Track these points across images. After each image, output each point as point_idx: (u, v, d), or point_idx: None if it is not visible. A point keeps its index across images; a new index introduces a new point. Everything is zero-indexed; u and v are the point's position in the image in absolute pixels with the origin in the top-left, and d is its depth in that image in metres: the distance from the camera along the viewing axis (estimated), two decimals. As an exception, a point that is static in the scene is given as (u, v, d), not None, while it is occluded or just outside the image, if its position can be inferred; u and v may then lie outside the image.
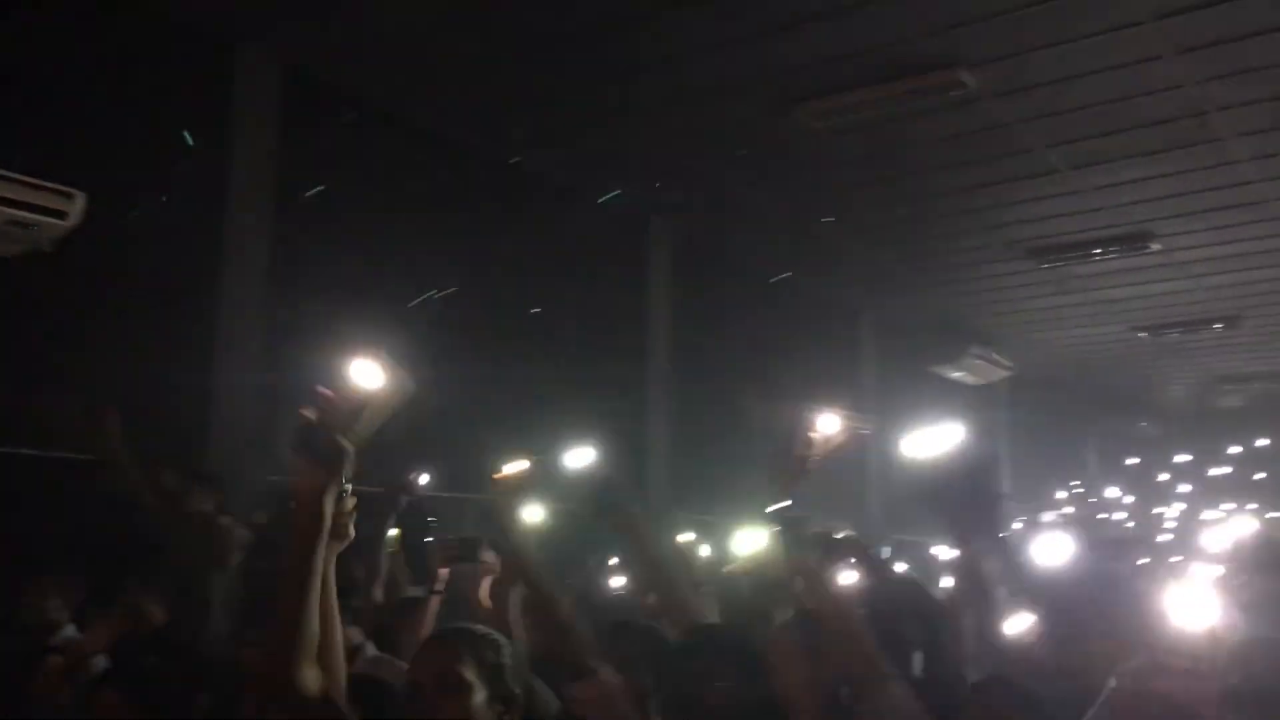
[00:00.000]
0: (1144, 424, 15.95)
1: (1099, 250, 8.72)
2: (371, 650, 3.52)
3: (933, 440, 2.83)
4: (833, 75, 5.92)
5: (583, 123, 6.58)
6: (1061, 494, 15.64)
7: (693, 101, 6.29)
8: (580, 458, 3.05)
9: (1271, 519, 9.71)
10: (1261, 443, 15.48)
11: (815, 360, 9.61)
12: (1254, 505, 14.23)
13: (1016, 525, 7.81)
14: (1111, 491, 16.14)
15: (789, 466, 3.36)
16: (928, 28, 5.48)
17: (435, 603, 3.90)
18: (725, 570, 4.00)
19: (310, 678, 1.93)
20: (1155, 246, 8.59)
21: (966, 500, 2.74)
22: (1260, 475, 15.38)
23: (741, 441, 6.89)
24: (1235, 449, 15.82)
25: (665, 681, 2.49)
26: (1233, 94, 6.10)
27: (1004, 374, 11.82)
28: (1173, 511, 15.57)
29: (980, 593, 2.97)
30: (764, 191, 7.71)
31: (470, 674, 2.00)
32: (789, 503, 2.93)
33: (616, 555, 5.08)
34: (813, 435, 3.29)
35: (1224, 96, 6.11)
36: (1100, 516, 15.00)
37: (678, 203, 7.90)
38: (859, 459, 10.44)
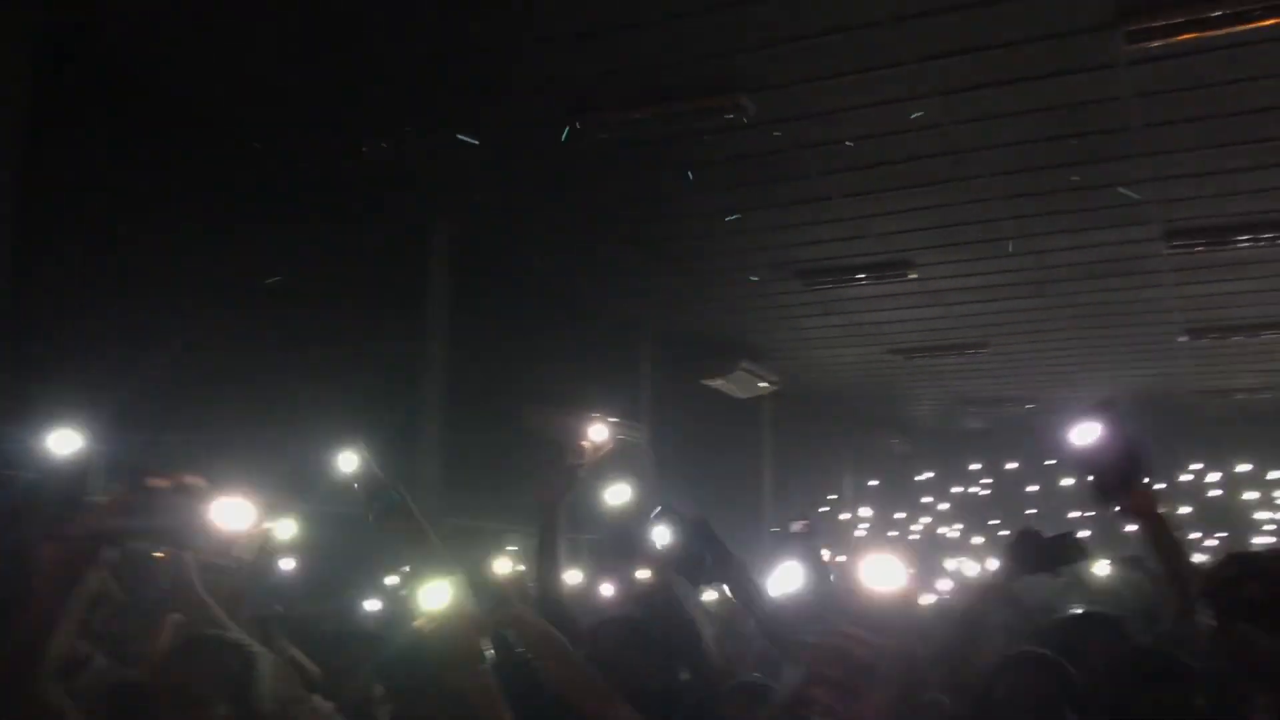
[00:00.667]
0: (896, 441, 16.88)
1: (862, 275, 9.19)
2: (102, 662, 3.30)
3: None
4: (616, 89, 5.99)
5: (365, 123, 6.40)
6: (821, 509, 16.41)
7: (472, 106, 6.23)
8: (348, 461, 2.96)
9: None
10: (1010, 465, 16.70)
11: (593, 370, 9.71)
12: (995, 520, 15.36)
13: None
14: (864, 509, 17.06)
15: (558, 475, 3.39)
16: (711, 52, 5.64)
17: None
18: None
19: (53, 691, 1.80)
20: (913, 275, 9.13)
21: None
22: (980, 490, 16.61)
23: (517, 449, 6.89)
24: (976, 466, 17.01)
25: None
26: (985, 137, 6.56)
27: (769, 389, 12.30)
28: (917, 526, 16.60)
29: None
30: (545, 201, 7.73)
31: (207, 687, 1.90)
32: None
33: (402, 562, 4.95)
34: (583, 444, 3.33)
35: (977, 139, 6.57)
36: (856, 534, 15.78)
37: (459, 208, 7.80)
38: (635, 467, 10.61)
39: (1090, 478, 2.74)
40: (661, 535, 2.74)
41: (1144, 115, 6.19)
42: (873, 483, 17.53)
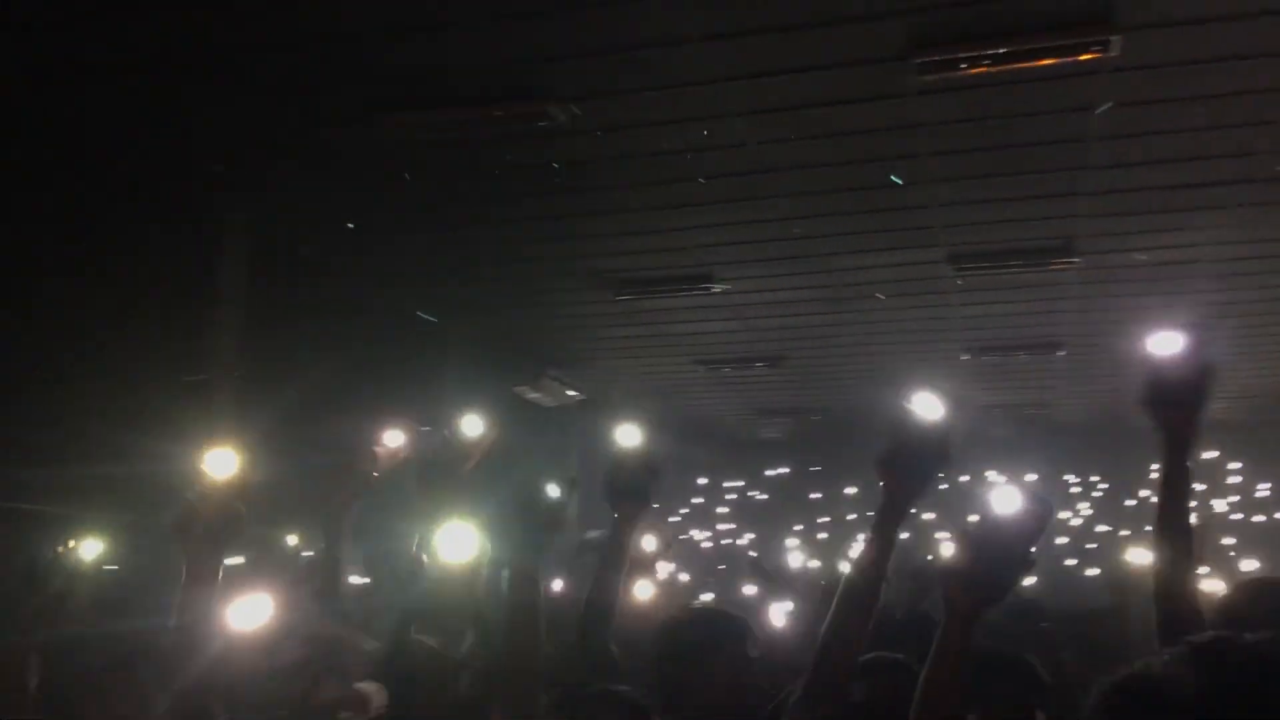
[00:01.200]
0: (699, 451, 17.21)
1: (668, 287, 9.35)
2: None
3: None
4: (421, 89, 5.90)
5: (146, 109, 6.08)
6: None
7: (266, 100, 6.00)
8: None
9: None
10: (815, 468, 17.27)
11: (398, 374, 9.53)
12: (799, 527, 15.87)
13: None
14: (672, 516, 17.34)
15: (351, 479, 3.31)
16: (519, 57, 5.62)
17: None
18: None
19: None
20: (717, 288, 9.34)
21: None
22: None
23: (316, 454, 6.66)
24: (772, 472, 17.55)
25: None
26: (786, 158, 6.79)
27: (577, 397, 12.36)
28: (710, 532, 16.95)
29: None
30: (349, 201, 7.54)
31: None
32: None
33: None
34: (377, 449, 3.27)
35: (779, 159, 6.78)
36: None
37: (252, 205, 7.50)
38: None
39: (1153, 387, 2.60)
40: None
41: (932, 144, 6.54)
42: (676, 490, 17.84)
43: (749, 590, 7.63)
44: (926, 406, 2.49)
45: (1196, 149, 6.53)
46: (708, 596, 9.31)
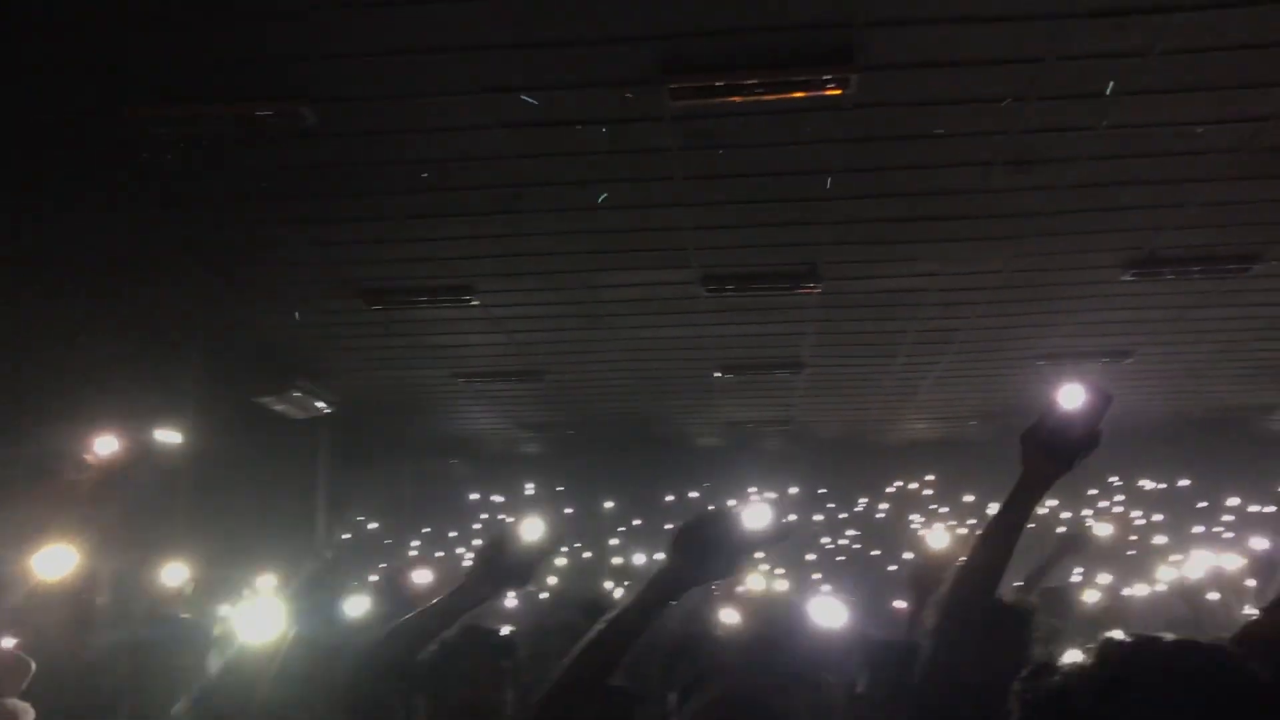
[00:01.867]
0: (454, 461, 17.02)
1: (426, 298, 9.19)
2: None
3: None
4: (172, 83, 5.57)
5: None
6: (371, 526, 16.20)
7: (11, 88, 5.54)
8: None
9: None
10: (559, 489, 17.32)
11: (133, 381, 8.95)
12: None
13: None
14: (425, 529, 17.04)
15: (61, 489, 3.06)
16: (273, 55, 5.40)
17: None
18: None
19: None
20: (475, 301, 9.26)
21: None
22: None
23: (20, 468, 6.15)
24: (530, 487, 17.53)
25: None
26: (543, 174, 6.81)
27: (325, 409, 11.95)
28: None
29: None
30: (87, 196, 7.01)
31: None
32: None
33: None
34: (88, 458, 3.05)
35: (537, 175, 6.80)
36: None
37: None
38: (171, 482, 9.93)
39: (1045, 432, 2.56)
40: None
41: (685, 168, 6.71)
42: (428, 504, 17.59)
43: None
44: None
45: (922, 184, 6.99)
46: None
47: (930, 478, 16.62)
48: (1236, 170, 6.77)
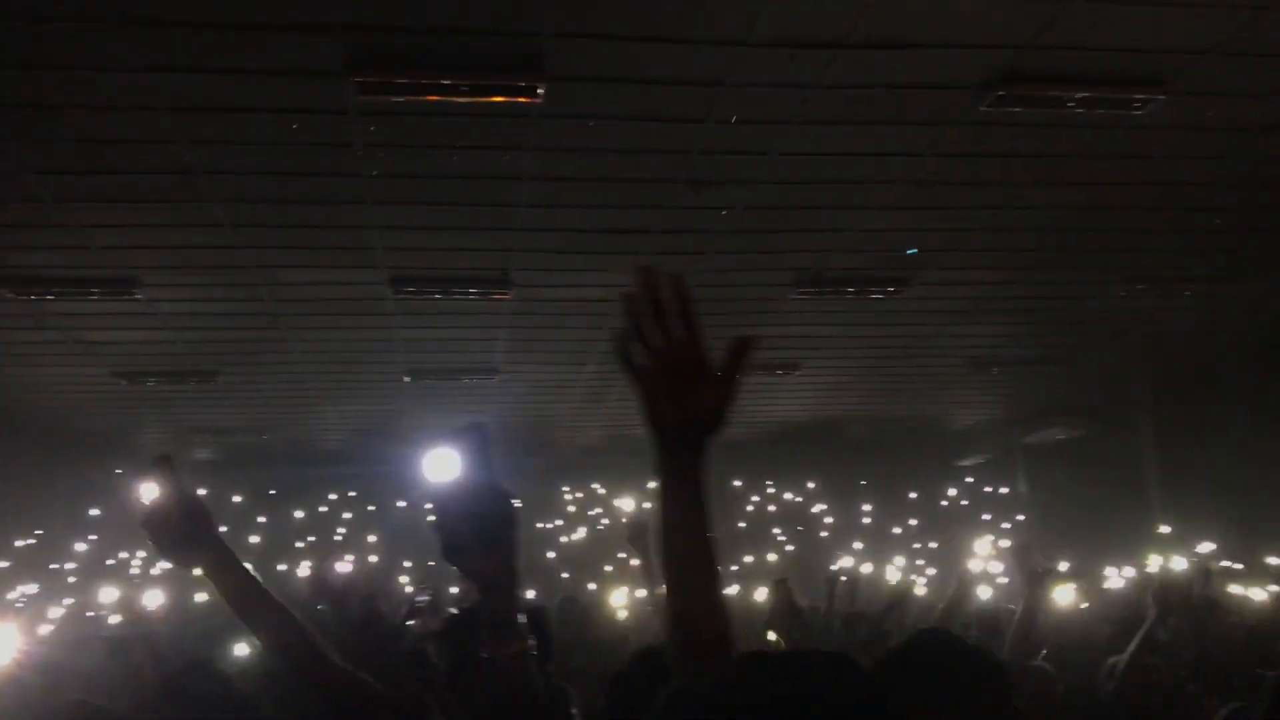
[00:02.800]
0: (119, 471, 15.77)
1: (82, 290, 8.43)
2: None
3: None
4: None
5: None
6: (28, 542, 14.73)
7: None
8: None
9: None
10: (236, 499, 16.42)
11: None
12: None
13: None
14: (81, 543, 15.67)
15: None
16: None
17: None
18: None
19: None
20: (139, 294, 8.60)
21: None
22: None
23: None
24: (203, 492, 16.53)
25: None
26: (220, 162, 6.41)
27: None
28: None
29: None
30: None
31: None
32: None
33: None
34: None
35: (210, 161, 6.39)
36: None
37: None
38: None
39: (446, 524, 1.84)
40: None
41: (374, 165, 6.52)
42: (94, 512, 16.24)
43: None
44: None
45: (609, 196, 7.14)
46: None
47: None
48: (893, 200, 7.35)
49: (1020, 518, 17.22)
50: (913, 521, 18.16)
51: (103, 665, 5.61)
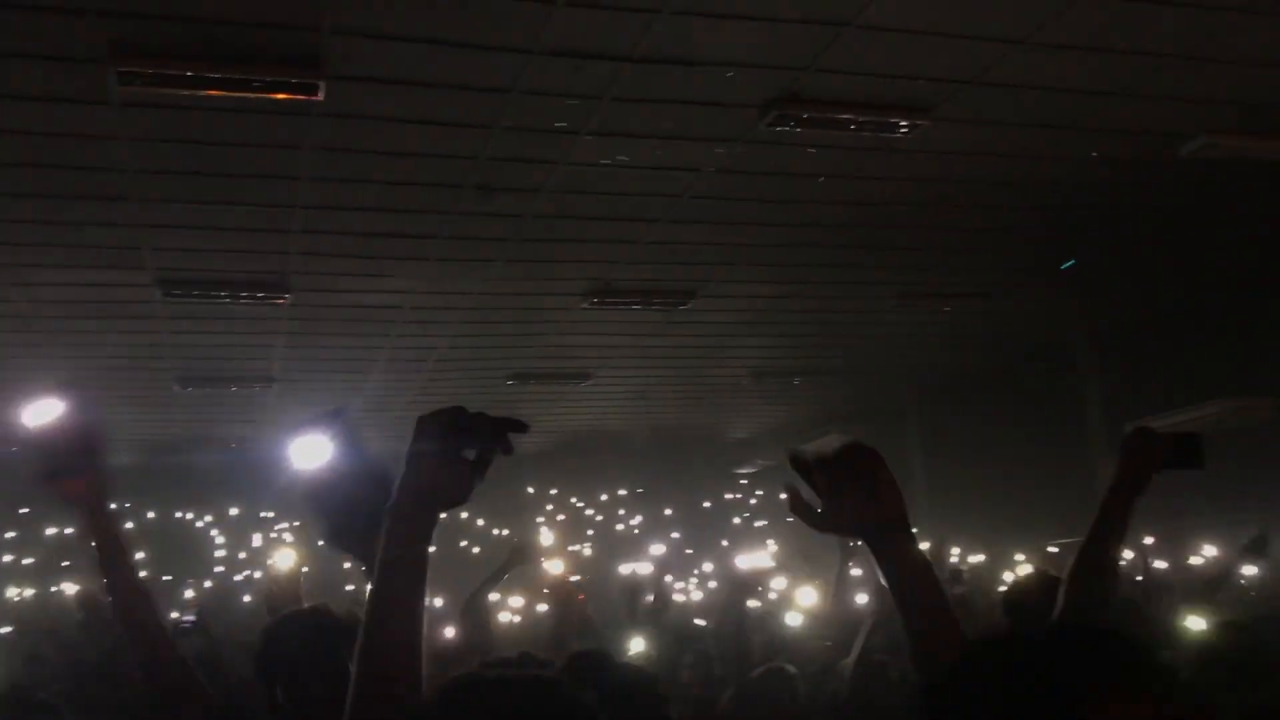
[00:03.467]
0: None
1: None
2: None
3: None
4: None
5: None
6: None
7: None
8: None
9: None
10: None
11: None
12: None
13: None
14: None
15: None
16: None
17: None
18: None
19: None
20: None
21: None
22: None
23: None
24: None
25: None
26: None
27: None
28: None
29: None
30: None
31: None
32: None
33: None
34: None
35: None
36: None
37: None
38: None
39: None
40: None
41: (138, 160, 6.16)
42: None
43: None
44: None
45: (394, 200, 6.98)
46: None
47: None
48: (677, 215, 7.49)
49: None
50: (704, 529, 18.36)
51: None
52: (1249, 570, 7.26)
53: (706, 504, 18.81)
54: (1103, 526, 2.56)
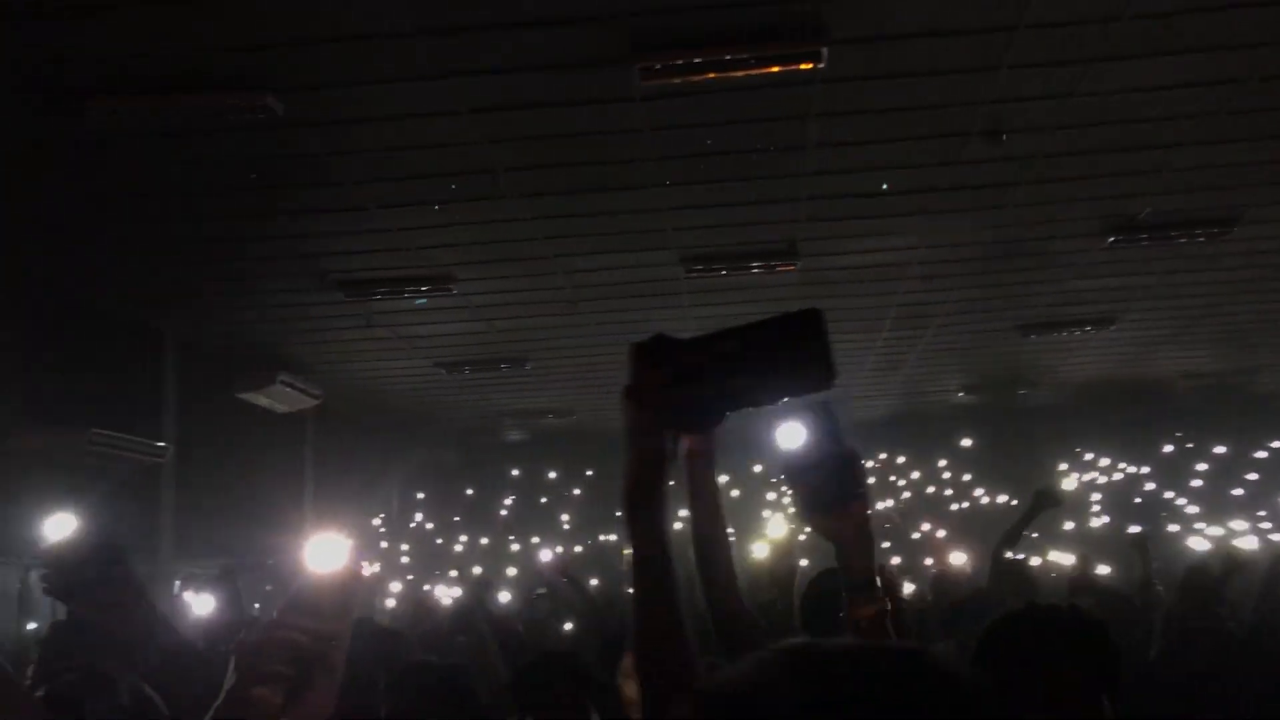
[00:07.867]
0: (447, 452, 16.97)
1: (407, 289, 9.11)
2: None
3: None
4: (120, 75, 5.47)
5: None
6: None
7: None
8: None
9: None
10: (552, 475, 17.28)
11: (105, 382, 8.88)
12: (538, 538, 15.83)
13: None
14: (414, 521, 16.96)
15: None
16: (232, 44, 5.30)
17: None
18: None
19: None
20: (455, 289, 9.18)
21: None
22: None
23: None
24: (516, 473, 17.50)
25: None
26: (516, 158, 6.74)
27: (312, 402, 11.87)
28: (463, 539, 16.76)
29: None
30: (45, 196, 6.92)
31: None
32: None
33: None
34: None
35: (509, 159, 6.72)
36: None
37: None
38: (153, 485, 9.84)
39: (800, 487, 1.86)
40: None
41: (658, 148, 6.64)
42: (421, 495, 17.53)
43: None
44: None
45: (897, 157, 6.93)
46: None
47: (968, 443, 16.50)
48: (1210, 134, 6.73)
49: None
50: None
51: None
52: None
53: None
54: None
